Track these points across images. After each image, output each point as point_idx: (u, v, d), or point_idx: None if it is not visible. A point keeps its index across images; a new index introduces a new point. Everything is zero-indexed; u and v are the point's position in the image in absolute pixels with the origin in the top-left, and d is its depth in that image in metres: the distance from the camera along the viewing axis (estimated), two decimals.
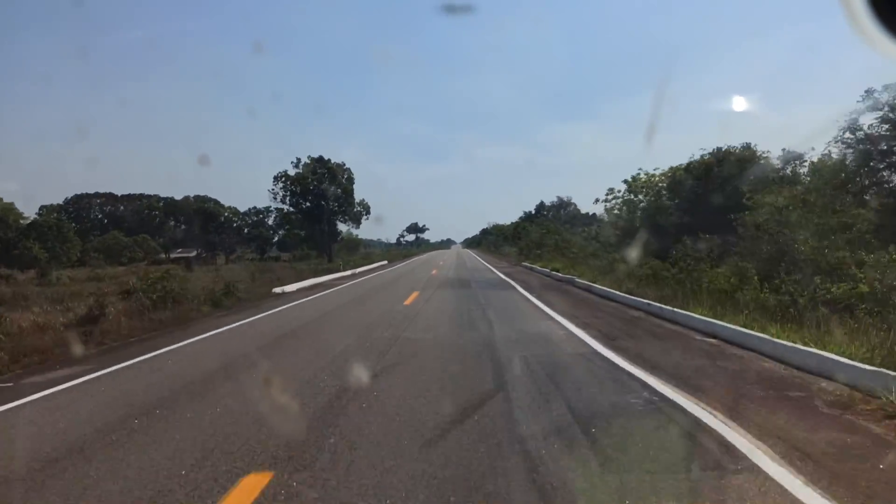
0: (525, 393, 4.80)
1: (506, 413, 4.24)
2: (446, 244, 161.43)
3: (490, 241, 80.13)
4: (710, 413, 4.11)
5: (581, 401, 4.54)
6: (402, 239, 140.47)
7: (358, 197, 55.27)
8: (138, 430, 4.09)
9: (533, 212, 66.11)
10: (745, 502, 2.74)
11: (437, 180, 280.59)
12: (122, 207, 71.42)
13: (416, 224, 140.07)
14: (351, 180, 52.84)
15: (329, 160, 51.87)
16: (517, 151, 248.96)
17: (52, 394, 5.35)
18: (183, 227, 74.38)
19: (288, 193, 51.23)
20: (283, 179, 51.08)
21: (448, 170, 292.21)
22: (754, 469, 3.11)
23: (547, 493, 2.86)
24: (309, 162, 51.44)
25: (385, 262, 44.19)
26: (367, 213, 56.22)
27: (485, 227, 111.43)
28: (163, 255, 67.14)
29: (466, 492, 2.89)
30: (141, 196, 72.48)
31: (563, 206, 63.42)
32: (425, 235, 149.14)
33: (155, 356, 7.13)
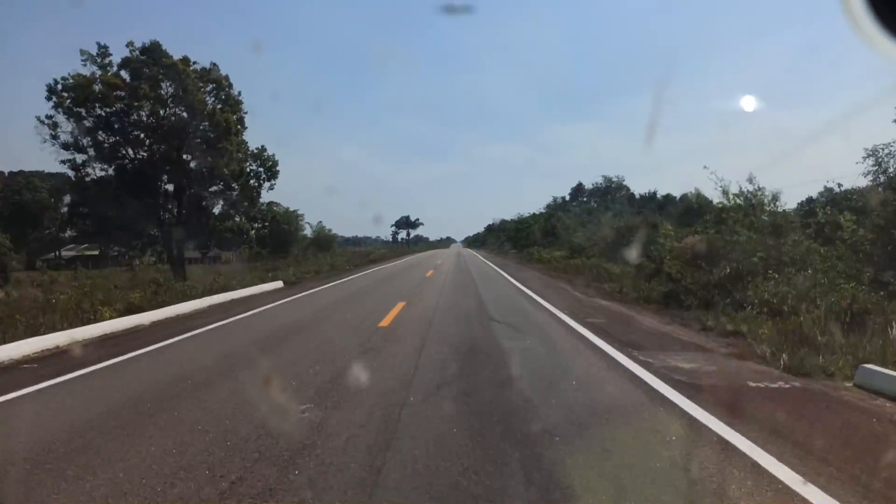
0: None
1: None
2: (445, 243, 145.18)
3: (502, 239, 60.85)
4: None
5: None
6: (396, 236, 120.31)
7: (254, 143, 24.09)
8: None
9: (567, 198, 47.40)
10: None
11: (437, 179, 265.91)
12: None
13: (406, 218, 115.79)
14: (236, 106, 21.89)
15: (189, 60, 20.79)
16: (518, 150, 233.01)
17: None
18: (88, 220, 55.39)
19: (82, 131, 19.71)
20: (67, 95, 19.16)
21: (448, 168, 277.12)
22: None
23: None
24: (131, 56, 20.01)
25: (280, 283, 17.27)
26: (273, 175, 24.92)
27: (490, 223, 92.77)
28: (53, 255, 49.08)
29: None
30: (38, 174, 54.03)
31: (610, 189, 44.50)
32: (422, 232, 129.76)
33: None
